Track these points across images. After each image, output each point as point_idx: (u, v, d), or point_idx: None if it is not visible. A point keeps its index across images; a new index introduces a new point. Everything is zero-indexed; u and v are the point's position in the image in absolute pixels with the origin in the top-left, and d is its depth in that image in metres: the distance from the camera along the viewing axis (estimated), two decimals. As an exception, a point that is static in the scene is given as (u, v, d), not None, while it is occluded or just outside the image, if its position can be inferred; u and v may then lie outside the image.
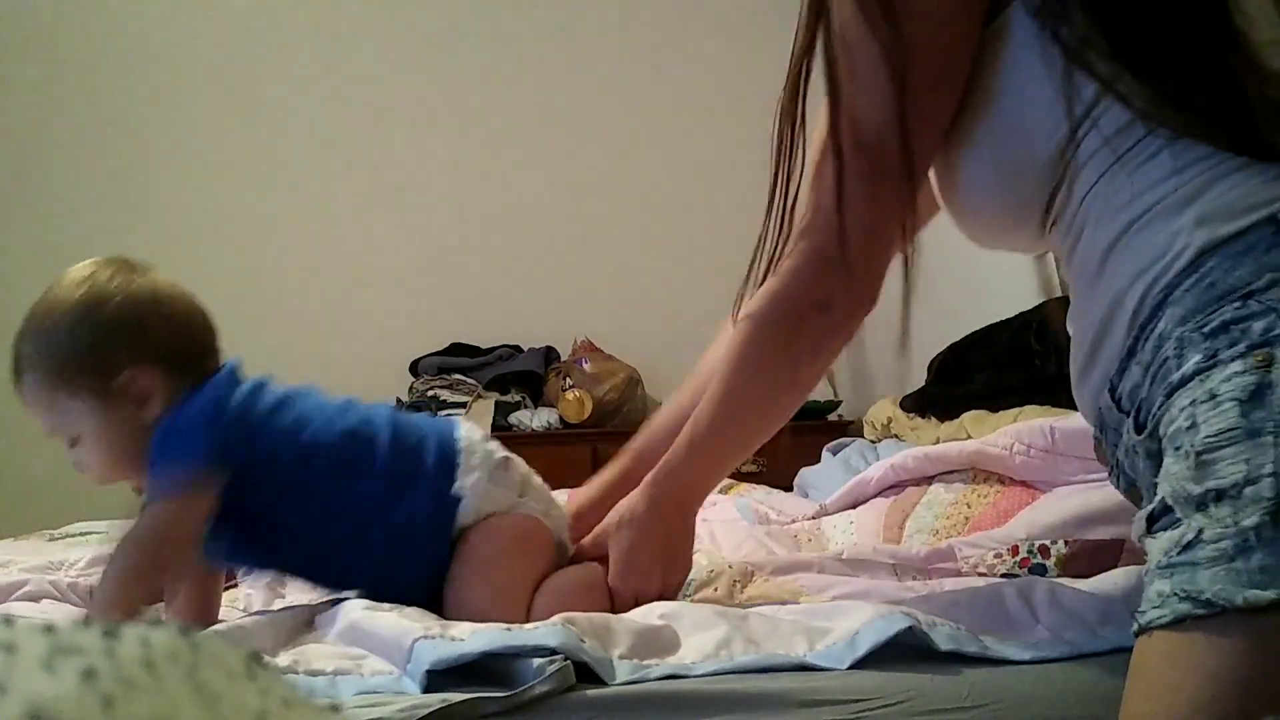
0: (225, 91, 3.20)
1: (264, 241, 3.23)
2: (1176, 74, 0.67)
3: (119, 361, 0.93)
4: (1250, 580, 0.57)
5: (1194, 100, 0.66)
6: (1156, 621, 0.61)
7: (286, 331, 3.14)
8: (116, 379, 0.93)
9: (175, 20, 3.21)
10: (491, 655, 0.73)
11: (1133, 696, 0.63)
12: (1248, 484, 0.58)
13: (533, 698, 0.69)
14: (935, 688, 0.73)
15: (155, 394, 0.94)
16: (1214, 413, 0.61)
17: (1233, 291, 0.62)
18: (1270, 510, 0.57)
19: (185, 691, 0.24)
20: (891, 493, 1.50)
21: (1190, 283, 0.64)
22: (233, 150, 3.20)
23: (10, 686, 0.22)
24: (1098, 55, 0.68)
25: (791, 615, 0.87)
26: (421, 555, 0.97)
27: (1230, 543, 0.58)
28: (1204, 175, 0.66)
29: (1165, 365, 0.65)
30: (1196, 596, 0.59)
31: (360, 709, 0.66)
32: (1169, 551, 0.62)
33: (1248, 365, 0.60)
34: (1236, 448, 0.59)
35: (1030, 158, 0.74)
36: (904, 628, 0.76)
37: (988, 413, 1.65)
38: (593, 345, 3.12)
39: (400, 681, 0.74)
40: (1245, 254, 0.62)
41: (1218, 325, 0.62)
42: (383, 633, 0.80)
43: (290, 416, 0.98)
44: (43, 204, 3.17)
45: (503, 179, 3.29)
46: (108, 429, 0.94)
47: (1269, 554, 0.56)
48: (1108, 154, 0.70)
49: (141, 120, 3.21)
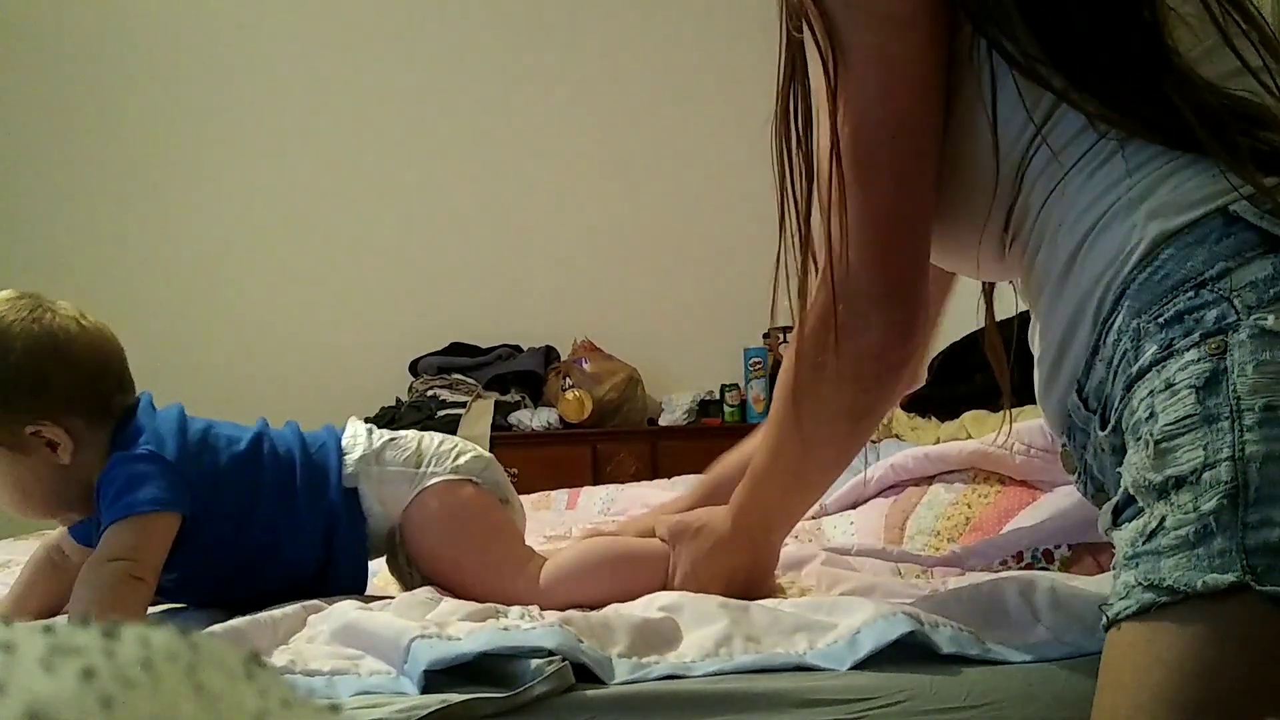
0: (225, 93, 3.20)
1: (264, 242, 3.23)
2: (1121, 84, 0.69)
3: (23, 416, 0.95)
4: (1210, 565, 0.57)
5: (1140, 107, 0.68)
6: (1123, 613, 0.62)
7: (287, 331, 3.14)
8: (23, 430, 0.95)
9: (175, 20, 3.21)
10: (489, 655, 0.73)
11: (1103, 689, 0.63)
12: (1206, 469, 0.59)
13: (531, 698, 0.69)
14: (934, 688, 0.73)
15: (65, 440, 0.97)
16: (1171, 401, 0.61)
17: (1186, 282, 0.63)
18: (1228, 494, 0.57)
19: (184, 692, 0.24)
20: (891, 493, 1.50)
21: (1145, 276, 0.65)
22: (233, 151, 3.20)
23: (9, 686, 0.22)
24: (1049, 70, 0.69)
25: (794, 608, 0.86)
26: (342, 550, 1.04)
27: (1190, 529, 0.58)
28: (1156, 173, 0.67)
29: (1125, 358, 0.66)
30: (1159, 584, 0.59)
31: (360, 710, 0.66)
32: (1134, 542, 0.62)
33: (1202, 354, 0.61)
34: (1194, 434, 0.60)
35: (983, 178, 0.75)
36: (906, 631, 0.76)
37: (988, 413, 1.65)
38: (593, 345, 3.12)
39: (398, 681, 0.74)
40: (1197, 244, 0.63)
41: (1172, 315, 0.63)
42: (380, 632, 0.80)
43: (212, 451, 1.03)
44: (42, 204, 3.17)
45: (503, 179, 3.29)
46: (18, 473, 0.97)
47: (1227, 538, 0.57)
48: (1058, 167, 0.71)
49: (141, 121, 3.21)
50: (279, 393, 3.00)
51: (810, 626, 0.81)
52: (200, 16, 3.21)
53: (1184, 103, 0.66)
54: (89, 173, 3.19)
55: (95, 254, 3.17)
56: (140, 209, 3.21)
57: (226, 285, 3.23)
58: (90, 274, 3.08)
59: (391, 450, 1.07)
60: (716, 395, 3.23)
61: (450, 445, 1.10)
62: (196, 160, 3.22)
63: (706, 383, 3.26)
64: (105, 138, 3.19)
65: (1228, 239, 0.63)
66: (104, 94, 3.19)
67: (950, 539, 1.33)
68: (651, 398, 3.19)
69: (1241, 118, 0.66)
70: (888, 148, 0.75)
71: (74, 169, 3.18)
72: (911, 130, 0.75)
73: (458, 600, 0.96)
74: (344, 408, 3.18)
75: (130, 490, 0.94)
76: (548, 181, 3.32)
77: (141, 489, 0.94)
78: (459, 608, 0.92)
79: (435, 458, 1.07)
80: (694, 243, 3.35)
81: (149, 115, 3.21)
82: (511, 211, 3.31)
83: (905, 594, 0.95)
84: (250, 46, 3.20)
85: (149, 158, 3.22)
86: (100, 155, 3.19)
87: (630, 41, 3.36)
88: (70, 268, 3.09)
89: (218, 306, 3.22)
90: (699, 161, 3.35)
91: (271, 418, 1.11)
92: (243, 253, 3.22)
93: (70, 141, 3.18)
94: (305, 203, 3.24)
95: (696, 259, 3.35)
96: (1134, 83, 0.68)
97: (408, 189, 3.26)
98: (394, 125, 3.26)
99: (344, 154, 3.22)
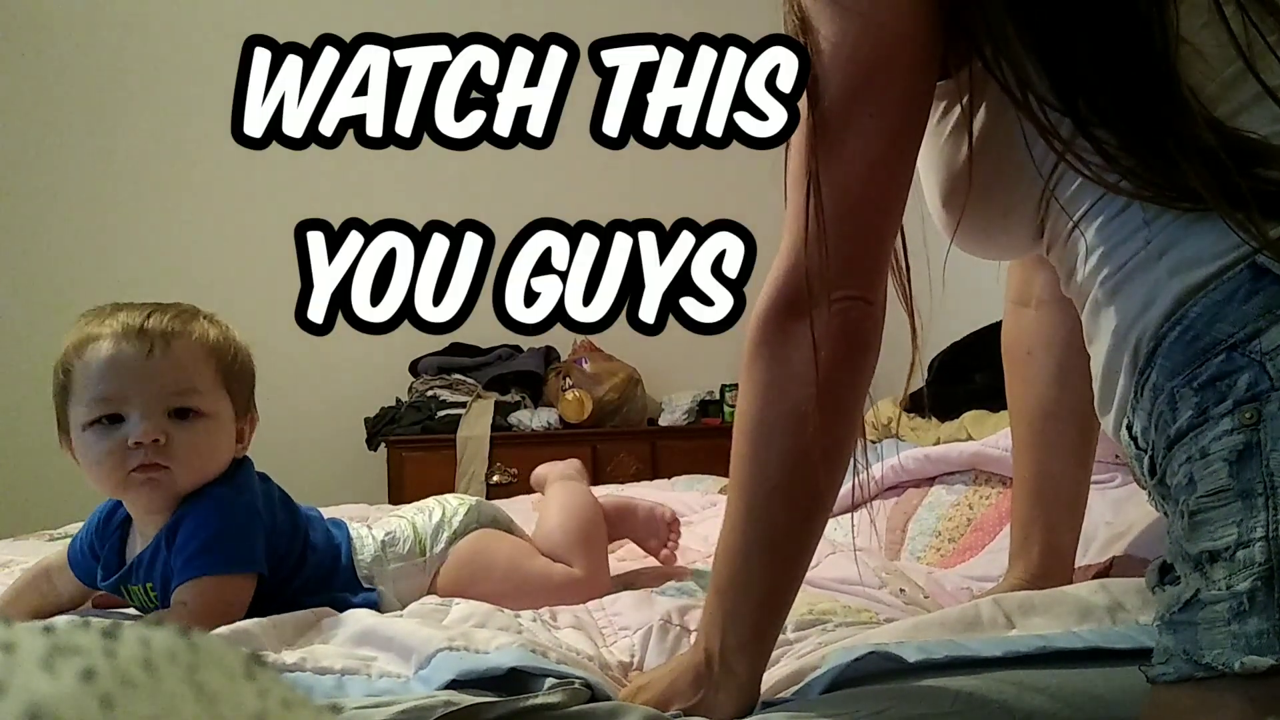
0: (222, 89, 3.21)
1: (263, 242, 3.23)
2: (1125, 131, 0.66)
3: (243, 407, 1.05)
4: (1248, 645, 0.58)
5: (1146, 167, 0.65)
6: (1161, 678, 0.63)
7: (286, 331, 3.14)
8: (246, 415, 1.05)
9: (171, 19, 3.21)
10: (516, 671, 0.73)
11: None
12: (1240, 548, 0.59)
13: (534, 705, 0.69)
14: (920, 694, 0.71)
15: (247, 445, 1.05)
16: (1207, 472, 0.62)
17: (1216, 345, 0.62)
18: (1262, 576, 0.58)
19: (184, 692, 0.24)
20: (892, 494, 1.50)
21: (1175, 335, 0.65)
22: (231, 149, 3.20)
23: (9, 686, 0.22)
24: (1057, 116, 0.67)
25: None
26: None
27: (1226, 605, 0.59)
28: (1171, 226, 0.66)
29: (1163, 417, 0.66)
30: (1197, 660, 0.60)
31: (361, 710, 0.66)
32: (1171, 607, 0.63)
33: (1235, 423, 0.61)
34: (1228, 509, 0.60)
35: (1015, 196, 0.75)
36: (866, 652, 0.74)
37: (988, 413, 1.65)
38: (593, 345, 3.12)
39: (408, 686, 0.73)
40: (1225, 302, 0.63)
41: (1205, 380, 0.63)
42: (401, 637, 0.79)
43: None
44: (40, 204, 3.17)
45: (502, 179, 3.29)
46: (229, 433, 1.02)
47: (1264, 619, 0.57)
48: (1078, 200, 0.71)
49: (138, 121, 3.21)
50: (279, 393, 2.99)
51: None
52: (198, 16, 3.21)
53: (1187, 160, 0.63)
54: (84, 172, 3.19)
55: (91, 254, 3.17)
56: (138, 210, 3.21)
57: (225, 285, 3.24)
58: (86, 274, 3.08)
59: (392, 548, 1.10)
60: (716, 395, 3.23)
61: (439, 514, 1.14)
62: (194, 158, 3.21)
63: (706, 383, 3.25)
64: (101, 137, 3.19)
65: (1256, 296, 0.62)
66: (101, 92, 3.19)
67: (951, 539, 1.33)
68: (651, 398, 3.19)
69: (1243, 156, 0.64)
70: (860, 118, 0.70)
71: (70, 168, 3.18)
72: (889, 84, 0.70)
73: (467, 602, 0.96)
74: (344, 408, 3.19)
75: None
76: (547, 181, 3.31)
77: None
78: (470, 612, 0.92)
79: (433, 538, 1.11)
80: (694, 243, 3.35)
81: (145, 114, 3.21)
82: (511, 211, 3.31)
83: (894, 617, 0.94)
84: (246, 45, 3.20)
85: (145, 156, 3.21)
86: (96, 154, 3.19)
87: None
88: (67, 267, 3.09)
89: (217, 306, 3.21)
90: (700, 162, 3.35)
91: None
92: (242, 252, 3.21)
93: (66, 140, 3.18)
94: (305, 201, 3.23)
95: (697, 259, 3.35)
96: (1138, 131, 0.66)
97: (407, 189, 3.26)
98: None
99: (343, 152, 3.22)
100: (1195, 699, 0.61)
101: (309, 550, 1.05)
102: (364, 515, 1.50)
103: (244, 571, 0.96)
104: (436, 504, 1.16)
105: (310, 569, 1.04)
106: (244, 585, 0.96)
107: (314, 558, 1.05)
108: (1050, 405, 0.97)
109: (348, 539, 1.10)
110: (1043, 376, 0.98)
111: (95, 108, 3.18)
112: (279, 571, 1.01)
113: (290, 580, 1.02)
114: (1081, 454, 0.99)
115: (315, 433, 3.15)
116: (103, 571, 1.03)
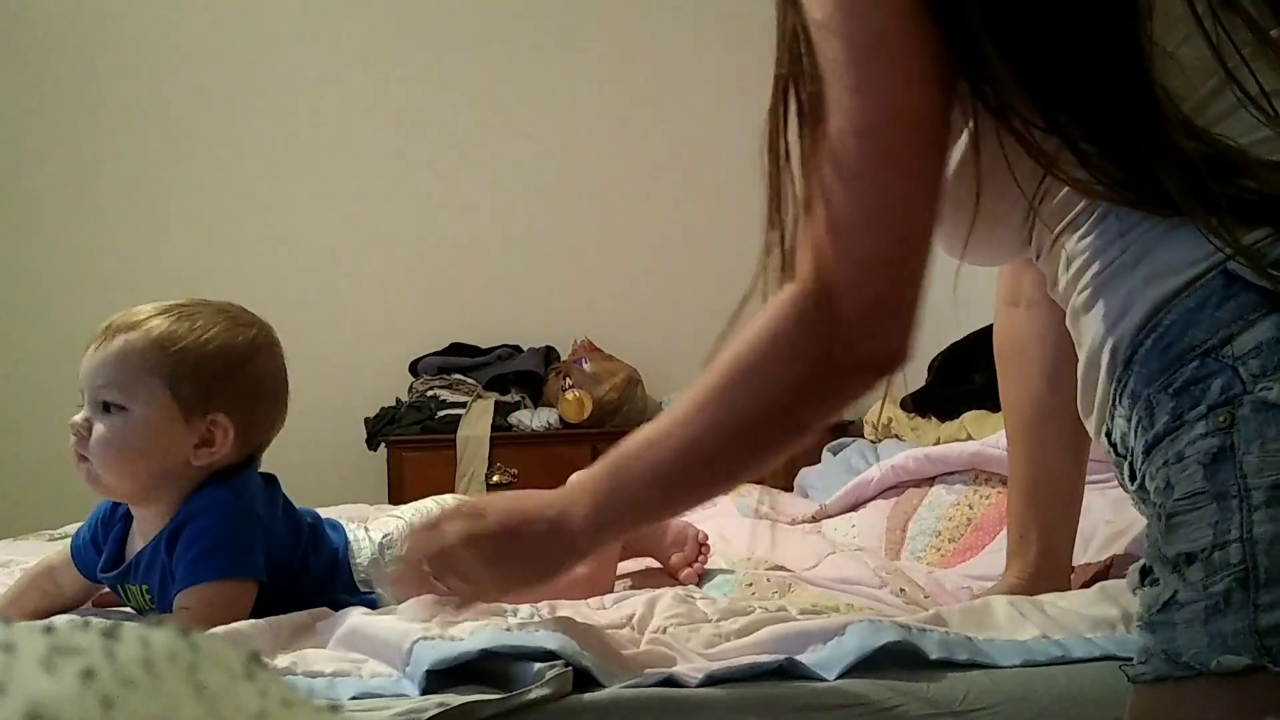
0: (223, 92, 3.20)
1: (263, 242, 3.23)
2: (1102, 139, 0.66)
3: (211, 404, 1.00)
4: (1224, 645, 0.58)
5: (1123, 173, 0.66)
6: (1141, 677, 0.64)
7: (286, 332, 3.13)
8: (204, 414, 0.99)
9: (173, 19, 3.21)
10: (491, 655, 0.73)
11: None
12: (1215, 549, 0.60)
13: (529, 701, 0.69)
14: (931, 692, 0.73)
15: (222, 443, 1.00)
16: (1182, 475, 0.63)
17: (1191, 351, 0.63)
18: (1238, 577, 0.58)
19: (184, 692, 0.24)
20: (892, 494, 1.50)
21: (1151, 342, 0.65)
22: (231, 150, 3.20)
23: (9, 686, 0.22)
24: (1042, 135, 0.67)
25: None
26: None
27: (1203, 605, 0.60)
28: (1146, 236, 0.67)
29: (1140, 423, 0.67)
30: (1175, 658, 0.61)
31: (359, 713, 0.66)
32: (1150, 608, 0.64)
33: (1210, 427, 0.61)
34: (1203, 511, 0.61)
35: (1002, 208, 0.76)
36: (893, 639, 0.75)
37: (988, 413, 1.65)
38: (593, 345, 3.11)
39: (399, 683, 0.74)
40: (1198, 310, 0.63)
41: (1180, 385, 0.63)
42: (383, 635, 0.80)
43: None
44: (40, 205, 3.16)
45: (502, 178, 3.29)
46: (162, 440, 0.98)
47: (1240, 619, 0.58)
48: (1059, 213, 0.72)
49: (139, 122, 3.21)
50: (279, 393, 2.99)
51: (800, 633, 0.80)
52: (199, 16, 3.21)
53: (1164, 166, 0.64)
54: (84, 172, 3.19)
55: (91, 255, 3.17)
56: (137, 210, 3.20)
57: (225, 285, 3.23)
58: (85, 274, 3.08)
59: (390, 550, 1.09)
60: (716, 395, 3.22)
61: (437, 514, 1.14)
62: (194, 159, 3.21)
63: (706, 383, 3.25)
64: (99, 135, 3.19)
65: (1229, 302, 0.62)
66: (99, 95, 3.19)
67: (952, 539, 1.33)
68: (651, 398, 3.18)
69: (1221, 164, 0.64)
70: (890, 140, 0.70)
71: (70, 168, 3.18)
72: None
73: None
74: (344, 407, 3.19)
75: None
76: (547, 181, 3.31)
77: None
78: None
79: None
80: (694, 243, 3.35)
81: (144, 113, 3.20)
82: (511, 211, 3.31)
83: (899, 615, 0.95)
84: (247, 44, 3.19)
85: (144, 156, 3.21)
86: (96, 155, 3.19)
87: (631, 41, 3.36)
88: (65, 267, 3.09)
89: (218, 306, 3.21)
90: (700, 161, 3.35)
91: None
92: (241, 252, 3.21)
93: (64, 143, 3.18)
94: (304, 203, 3.23)
95: (697, 259, 3.35)
96: (1118, 138, 0.66)
97: (407, 189, 3.26)
98: (393, 125, 3.26)
99: (342, 154, 3.22)
100: (1174, 698, 0.62)
101: (310, 557, 1.05)
102: (363, 515, 1.50)
103: (245, 578, 0.96)
104: (435, 504, 1.15)
105: (310, 579, 1.04)
106: (245, 591, 0.96)
107: (315, 564, 1.05)
108: (1044, 404, 0.98)
109: (345, 544, 1.10)
110: (1035, 375, 0.98)
111: (95, 108, 3.18)
112: (279, 581, 1.01)
113: (290, 588, 1.02)
114: (1076, 452, 1.00)
115: (315, 432, 3.15)
116: (104, 563, 1.03)
